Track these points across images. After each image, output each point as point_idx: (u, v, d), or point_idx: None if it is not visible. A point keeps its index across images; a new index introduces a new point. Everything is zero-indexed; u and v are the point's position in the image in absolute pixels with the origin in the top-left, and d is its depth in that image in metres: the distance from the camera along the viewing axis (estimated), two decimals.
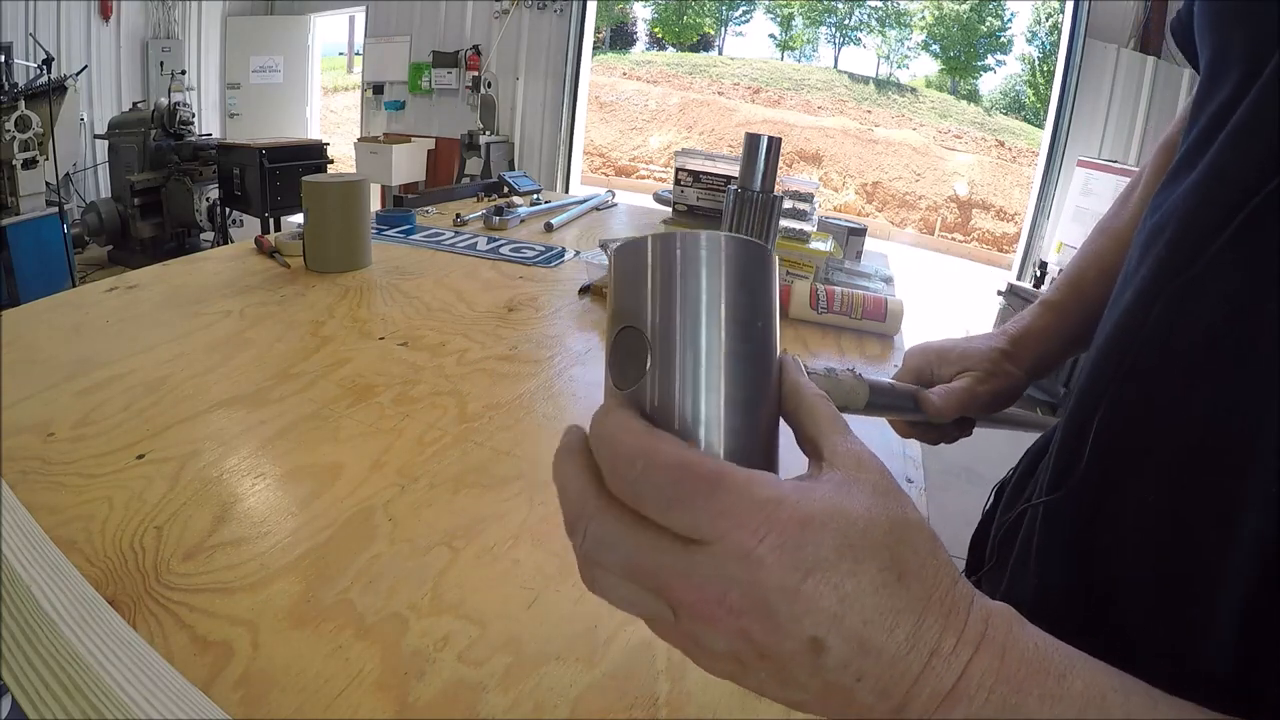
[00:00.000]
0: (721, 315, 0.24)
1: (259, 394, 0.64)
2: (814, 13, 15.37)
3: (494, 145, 4.97)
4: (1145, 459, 0.32)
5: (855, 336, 0.97)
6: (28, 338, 0.71)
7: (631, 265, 0.25)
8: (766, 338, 0.25)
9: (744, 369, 0.24)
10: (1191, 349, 0.30)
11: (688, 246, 0.24)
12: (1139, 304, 0.33)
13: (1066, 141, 4.11)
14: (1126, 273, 0.37)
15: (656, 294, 0.24)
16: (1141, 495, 0.32)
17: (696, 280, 0.24)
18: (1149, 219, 0.36)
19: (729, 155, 1.09)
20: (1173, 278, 0.31)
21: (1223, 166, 0.31)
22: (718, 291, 0.24)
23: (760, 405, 0.25)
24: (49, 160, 3.32)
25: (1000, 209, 10.19)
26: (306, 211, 1.01)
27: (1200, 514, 0.29)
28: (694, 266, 0.24)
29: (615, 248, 0.25)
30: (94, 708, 0.31)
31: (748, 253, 0.25)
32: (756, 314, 0.25)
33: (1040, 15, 12.80)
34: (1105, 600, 0.34)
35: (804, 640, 0.20)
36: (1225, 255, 0.29)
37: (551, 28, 4.96)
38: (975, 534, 0.57)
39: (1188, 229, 0.31)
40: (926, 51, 14.41)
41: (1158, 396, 0.32)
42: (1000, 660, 0.21)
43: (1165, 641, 0.31)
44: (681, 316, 0.24)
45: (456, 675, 0.37)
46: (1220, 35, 0.34)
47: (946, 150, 11.66)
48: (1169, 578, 0.31)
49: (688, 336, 0.24)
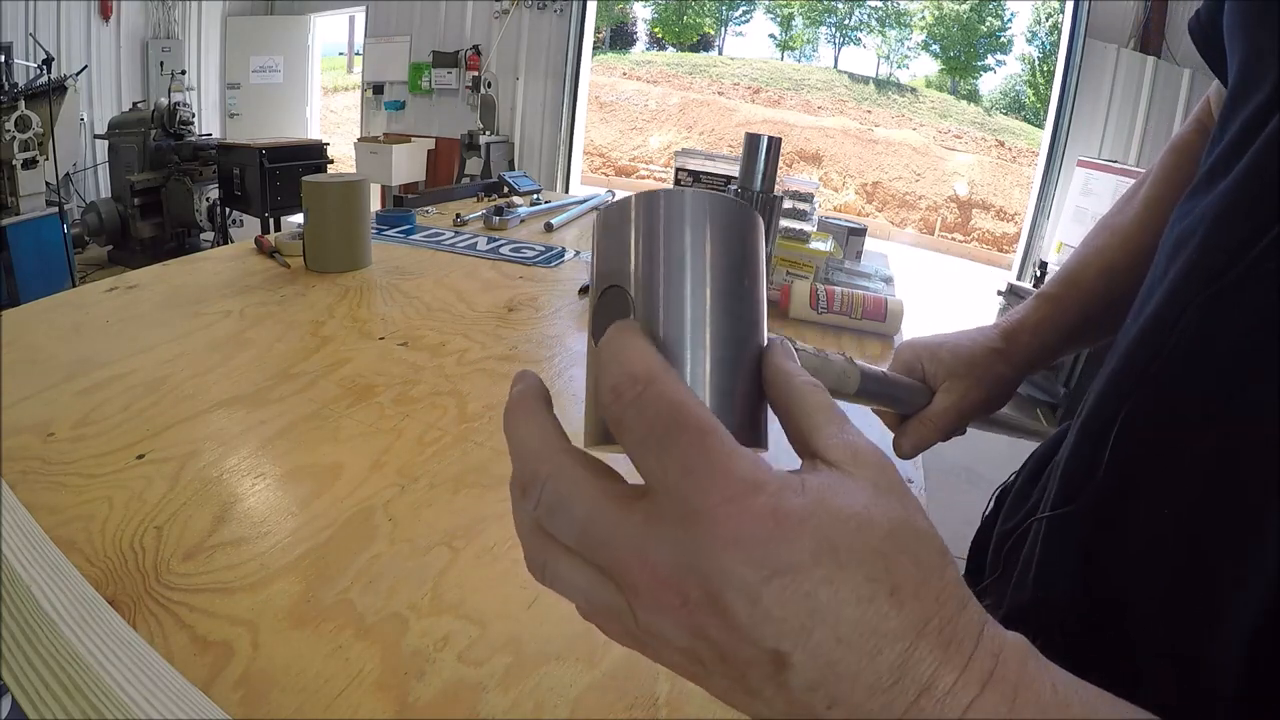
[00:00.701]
0: (706, 270, 0.23)
1: (259, 394, 0.64)
2: (814, 13, 15.37)
3: (494, 145, 4.97)
4: (1168, 468, 0.31)
5: (855, 336, 0.97)
6: (28, 338, 0.71)
7: (616, 224, 0.24)
8: (753, 297, 0.24)
9: (730, 326, 0.23)
10: (1222, 358, 0.29)
11: (671, 203, 0.23)
12: (1166, 311, 0.32)
13: (1066, 141, 4.11)
14: (1153, 279, 0.35)
15: (639, 250, 0.23)
16: (1160, 508, 0.31)
17: (680, 236, 0.23)
18: (1176, 225, 0.35)
19: (729, 155, 1.09)
20: (1204, 285, 0.30)
21: (1260, 172, 0.29)
22: (702, 246, 0.23)
23: (747, 368, 0.24)
24: (49, 160, 3.32)
25: (1000, 209, 10.18)
26: (306, 211, 1.01)
27: (1221, 530, 0.28)
28: (678, 223, 0.23)
29: (600, 211, 0.25)
30: (94, 708, 0.31)
31: (732, 211, 0.24)
32: (743, 273, 0.24)
33: (1040, 15, 12.80)
34: (1111, 615, 0.33)
35: (765, 651, 0.17)
36: (1262, 264, 0.28)
37: (551, 28, 4.96)
38: (975, 540, 0.57)
39: (1221, 236, 0.30)
40: (926, 51, 14.41)
41: (1184, 406, 0.30)
42: (1010, 705, 0.17)
43: (1172, 661, 0.30)
44: (665, 270, 0.23)
45: (456, 675, 0.37)
46: (1256, 37, 0.33)
47: (946, 150, 11.66)
48: (1181, 595, 0.30)
49: (671, 290, 0.23)
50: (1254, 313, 0.28)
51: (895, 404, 0.50)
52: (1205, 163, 0.34)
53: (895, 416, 0.52)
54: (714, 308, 0.23)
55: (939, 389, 0.50)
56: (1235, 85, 0.34)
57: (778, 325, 0.97)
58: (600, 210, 0.25)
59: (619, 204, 0.24)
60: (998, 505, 0.56)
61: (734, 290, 0.24)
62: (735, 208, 0.24)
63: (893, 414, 0.52)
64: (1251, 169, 0.30)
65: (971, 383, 0.49)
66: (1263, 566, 0.26)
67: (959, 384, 0.49)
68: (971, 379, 0.50)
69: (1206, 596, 0.28)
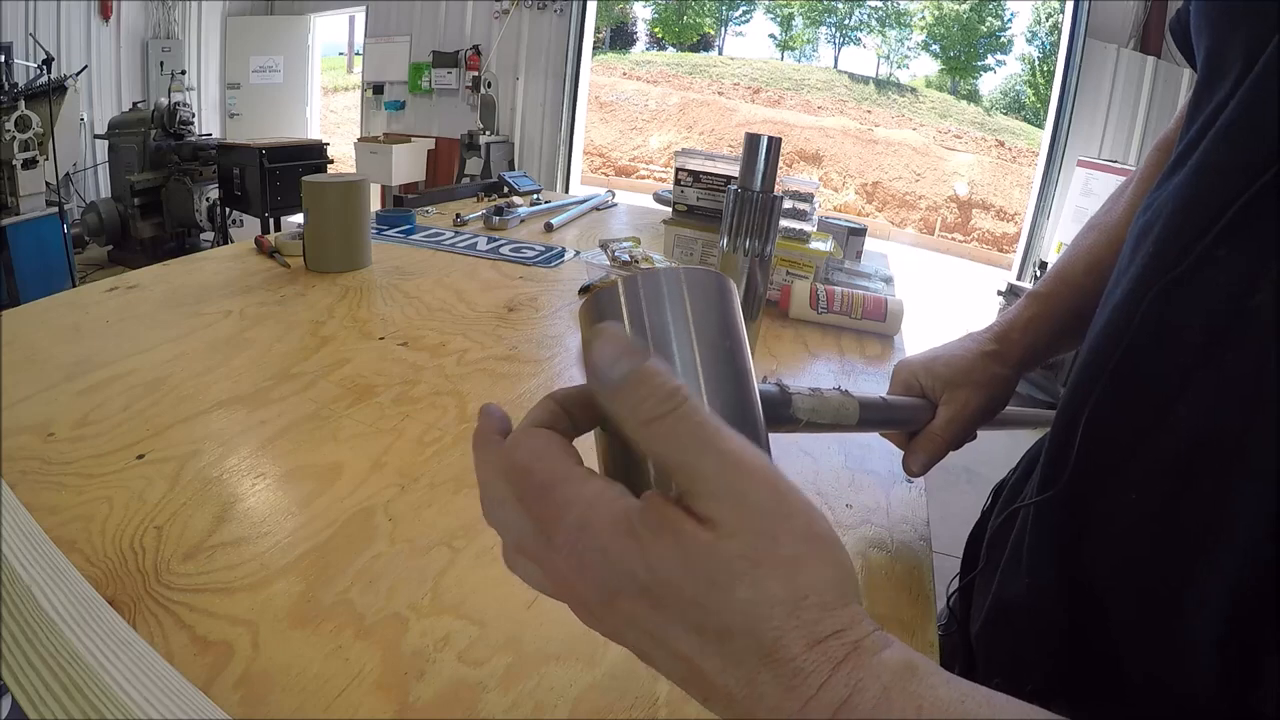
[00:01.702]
0: (692, 337, 0.25)
1: (259, 394, 0.64)
2: (814, 13, 15.37)
3: (494, 145, 4.97)
4: (1132, 456, 0.32)
5: (855, 336, 0.97)
6: (28, 338, 0.71)
7: (598, 313, 0.26)
8: (737, 357, 0.27)
9: (718, 388, 0.25)
10: (1181, 345, 0.30)
11: (647, 283, 0.26)
12: (1129, 300, 0.33)
13: (1066, 141, 4.11)
14: (1118, 270, 0.37)
15: (629, 329, 0.26)
16: (1127, 492, 0.31)
17: (660, 309, 0.25)
18: (1140, 217, 0.36)
19: (729, 155, 1.09)
20: (1163, 274, 0.31)
21: (1214, 162, 0.30)
22: (683, 316, 0.25)
23: (744, 419, 0.26)
24: (49, 160, 3.32)
25: (1000, 209, 10.18)
26: (306, 211, 1.01)
27: (1188, 512, 0.29)
28: (656, 299, 0.26)
29: (581, 305, 0.28)
30: (94, 708, 0.31)
31: (704, 281, 0.26)
32: (724, 335, 0.26)
33: (1040, 15, 12.80)
34: (1090, 601, 0.34)
35: (633, 645, 0.21)
36: (1215, 251, 0.29)
37: (551, 28, 4.96)
38: (971, 534, 0.57)
39: (1178, 225, 0.31)
40: (926, 51, 14.41)
41: (1146, 393, 0.31)
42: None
43: (1148, 647, 0.30)
44: (653, 346, 0.25)
45: (456, 675, 0.37)
46: (1217, 34, 0.34)
47: (946, 150, 11.65)
48: (1153, 577, 0.30)
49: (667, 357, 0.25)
50: (1206, 300, 0.29)
51: (899, 425, 0.51)
52: (1173, 154, 0.35)
53: (902, 436, 0.52)
54: (705, 376, 0.25)
55: (940, 402, 0.50)
56: (1199, 81, 0.35)
57: (778, 325, 0.97)
58: (583, 304, 0.27)
59: (599, 294, 0.27)
60: (994, 500, 0.57)
61: (720, 348, 0.26)
62: (704, 277, 0.27)
63: (900, 434, 0.52)
64: (1205, 160, 0.31)
65: (971, 389, 0.50)
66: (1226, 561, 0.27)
67: (959, 393, 0.50)
68: (970, 385, 0.50)
69: (1176, 584, 0.29)
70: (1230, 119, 0.30)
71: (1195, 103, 0.35)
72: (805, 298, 0.98)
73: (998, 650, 0.43)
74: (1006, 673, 0.40)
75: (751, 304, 0.75)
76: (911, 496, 0.58)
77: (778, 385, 0.37)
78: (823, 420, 0.38)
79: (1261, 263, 0.27)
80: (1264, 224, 0.27)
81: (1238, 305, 0.27)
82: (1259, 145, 0.28)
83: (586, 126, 5.63)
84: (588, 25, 5.04)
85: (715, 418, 0.21)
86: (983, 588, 0.47)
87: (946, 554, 0.60)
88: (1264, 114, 0.28)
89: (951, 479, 2.50)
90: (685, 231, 1.10)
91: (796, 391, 0.37)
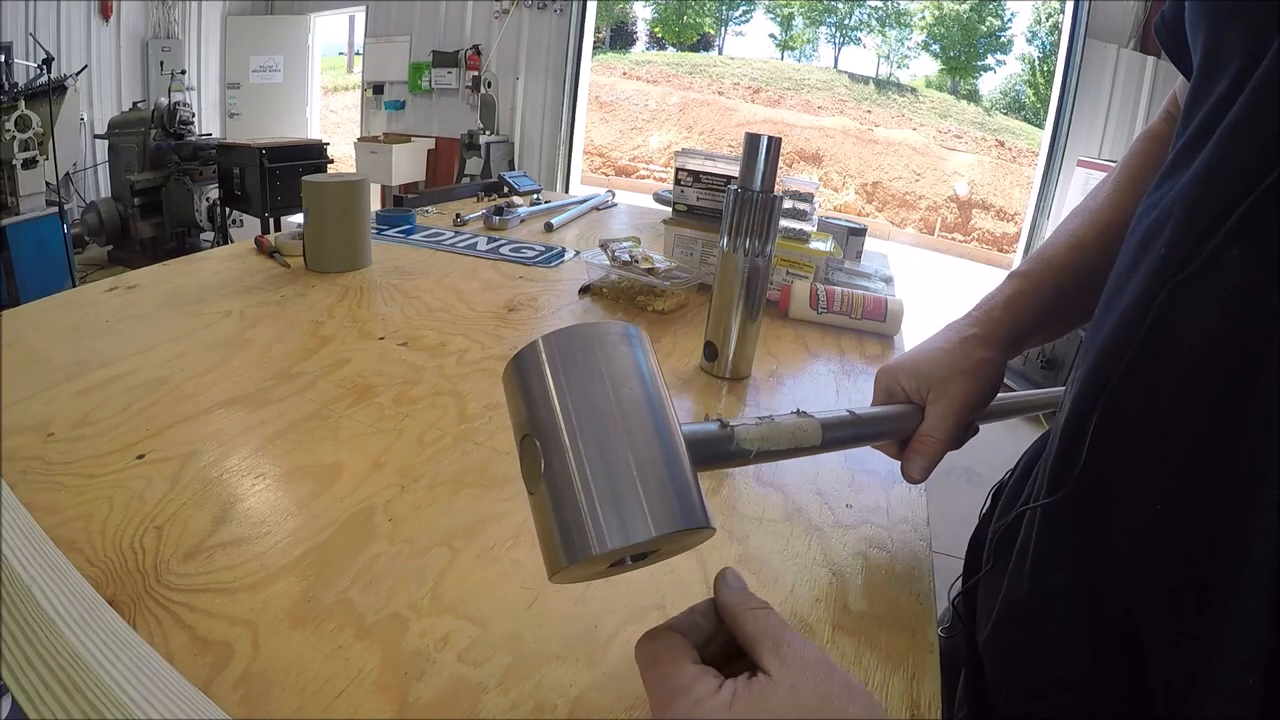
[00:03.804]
0: (569, 401, 0.28)
1: (259, 394, 0.64)
2: (814, 13, 15.37)
3: (494, 145, 4.97)
4: (1145, 459, 0.31)
5: (855, 336, 0.97)
6: (28, 338, 0.71)
7: (508, 386, 0.30)
8: (651, 400, 0.29)
9: (626, 429, 0.28)
10: (1192, 346, 0.29)
11: (524, 356, 0.30)
12: (1138, 301, 0.32)
13: (1066, 141, 4.11)
14: (1121, 271, 0.36)
15: (519, 405, 0.30)
16: (1142, 496, 0.31)
17: (542, 382, 0.30)
18: (1144, 217, 0.35)
19: (729, 155, 1.09)
20: (1172, 275, 0.30)
21: (1220, 161, 0.30)
22: (562, 384, 0.29)
23: (667, 459, 0.28)
24: (49, 160, 3.32)
25: (1000, 209, 10.18)
26: (306, 211, 1.01)
27: (1206, 515, 0.28)
28: (536, 371, 0.29)
29: (505, 368, 0.32)
30: (94, 708, 0.31)
31: (579, 338, 0.30)
32: (632, 381, 0.29)
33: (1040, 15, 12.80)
34: (1115, 605, 0.33)
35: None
36: (1225, 251, 0.28)
37: (551, 28, 4.96)
38: (973, 537, 0.57)
39: (1186, 226, 0.31)
40: (926, 51, 14.41)
41: (1158, 394, 0.31)
42: None
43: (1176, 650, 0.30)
44: (545, 412, 0.28)
45: (456, 675, 0.37)
46: (1215, 31, 0.33)
47: (946, 150, 11.65)
48: (1177, 580, 0.30)
49: (553, 427, 0.28)
50: (1217, 300, 0.29)
51: (884, 435, 0.47)
52: (1171, 153, 0.35)
53: (895, 446, 0.49)
54: (592, 435, 0.28)
55: (927, 402, 0.48)
56: (1197, 79, 0.35)
57: (778, 325, 0.97)
58: (504, 375, 0.31)
59: (506, 369, 0.31)
60: (994, 502, 0.56)
61: (604, 411, 0.28)
62: (578, 334, 0.30)
63: (892, 445, 0.49)
64: (1212, 160, 0.31)
65: (958, 379, 0.48)
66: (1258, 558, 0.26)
67: (946, 386, 0.47)
68: (956, 376, 0.48)
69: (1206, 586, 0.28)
70: (1236, 117, 0.29)
71: (1193, 99, 0.34)
72: (805, 298, 0.98)
73: (1007, 655, 0.42)
74: (1017, 678, 0.40)
75: (752, 304, 0.75)
76: (911, 496, 0.58)
77: (719, 422, 0.35)
78: (778, 447, 0.37)
79: (1272, 263, 0.27)
80: (1273, 224, 0.27)
81: (1253, 304, 0.27)
82: (1265, 144, 0.28)
83: (586, 126, 5.62)
84: (588, 25, 5.04)
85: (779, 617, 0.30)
86: (989, 591, 0.46)
87: (947, 554, 0.60)
88: (1269, 113, 0.28)
89: (951, 479, 2.50)
90: (685, 231, 1.10)
91: (740, 424, 0.35)
